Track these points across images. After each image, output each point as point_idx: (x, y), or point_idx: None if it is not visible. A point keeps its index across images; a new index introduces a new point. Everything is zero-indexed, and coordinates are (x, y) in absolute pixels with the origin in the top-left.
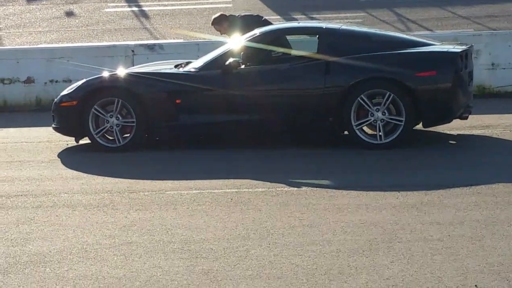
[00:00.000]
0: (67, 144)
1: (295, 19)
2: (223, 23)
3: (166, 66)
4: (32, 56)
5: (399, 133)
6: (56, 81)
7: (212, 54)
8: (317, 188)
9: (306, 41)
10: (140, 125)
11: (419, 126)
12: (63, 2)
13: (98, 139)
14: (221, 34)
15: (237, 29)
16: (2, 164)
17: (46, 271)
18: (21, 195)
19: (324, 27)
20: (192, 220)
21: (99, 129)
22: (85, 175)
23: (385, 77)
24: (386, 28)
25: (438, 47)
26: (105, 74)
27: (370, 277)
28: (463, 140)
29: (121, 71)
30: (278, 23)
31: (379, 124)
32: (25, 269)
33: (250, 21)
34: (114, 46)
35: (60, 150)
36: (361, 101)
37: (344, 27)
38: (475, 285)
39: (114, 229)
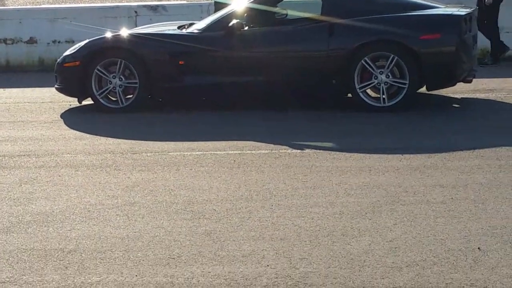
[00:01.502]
0: (70, 105)
1: None
2: None
3: (169, 27)
4: (35, 16)
5: (402, 96)
6: (59, 42)
7: (215, 15)
8: (320, 150)
9: (310, 3)
10: (143, 86)
11: (423, 89)
12: None
13: (101, 100)
14: None
15: None
16: (5, 124)
17: (49, 231)
18: (24, 155)
19: None
20: (195, 181)
21: (102, 90)
22: (87, 135)
23: (389, 39)
24: None
25: (442, 10)
26: (108, 34)
27: (373, 239)
28: (467, 103)
29: (124, 32)
30: None
31: (382, 87)
32: (28, 228)
33: None
34: (117, 7)
35: (63, 111)
36: (364, 63)
37: None
38: (478, 248)
39: (117, 190)
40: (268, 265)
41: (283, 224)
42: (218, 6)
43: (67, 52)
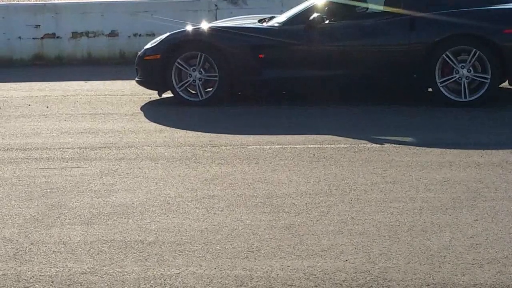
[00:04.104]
0: (150, 98)
1: None
2: None
3: (249, 21)
4: (116, 10)
5: (484, 91)
6: (140, 35)
7: (296, 9)
8: (400, 145)
9: None
10: (222, 80)
11: (505, 84)
12: None
13: (180, 93)
14: None
15: None
16: (86, 116)
17: (128, 222)
18: (105, 147)
19: None
20: (274, 175)
21: (181, 83)
22: (167, 128)
23: (471, 33)
24: None
25: None
26: (189, 28)
27: (454, 235)
28: None
29: (205, 26)
30: None
31: (464, 81)
32: (108, 220)
33: None
34: (198, 0)
35: (143, 103)
36: (446, 58)
37: None
38: None
39: (196, 182)
40: (347, 260)
41: (362, 218)
42: None
43: (148, 45)
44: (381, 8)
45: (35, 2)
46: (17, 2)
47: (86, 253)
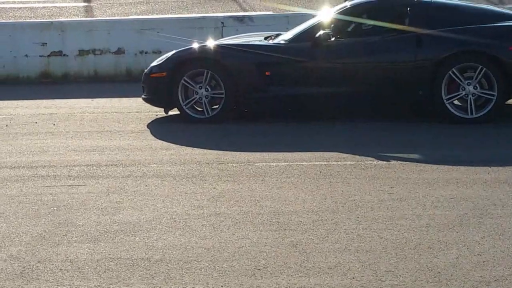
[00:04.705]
0: (156, 115)
1: None
2: None
3: (255, 38)
4: (122, 27)
5: (490, 108)
6: (146, 52)
7: (302, 26)
8: (407, 162)
9: (396, 13)
10: (229, 97)
11: (511, 101)
12: None
13: (187, 110)
14: None
15: None
16: (93, 134)
17: (135, 240)
18: (111, 165)
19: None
20: (280, 192)
21: (188, 100)
22: (174, 145)
23: (477, 50)
24: (478, 1)
25: None
26: (195, 45)
27: (461, 253)
28: None
29: (211, 43)
30: None
31: (470, 98)
32: (115, 237)
33: None
34: (204, 18)
35: (149, 121)
36: (452, 74)
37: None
38: None
39: (202, 200)
40: (353, 278)
41: (369, 236)
42: None
43: (154, 63)
44: (387, 25)
45: (42, 20)
46: (24, 20)
47: (93, 271)
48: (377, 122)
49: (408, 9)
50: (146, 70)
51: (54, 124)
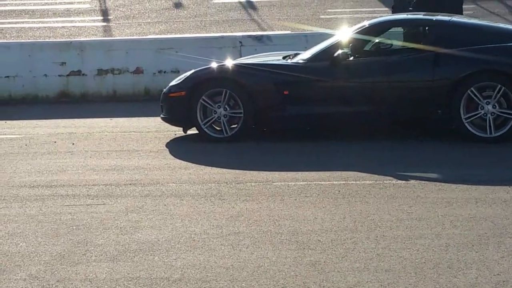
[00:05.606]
0: (175, 134)
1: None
2: None
3: (274, 58)
4: (141, 47)
5: (510, 127)
6: (165, 72)
7: (320, 45)
8: (425, 181)
9: (415, 33)
10: (247, 116)
11: None
12: None
13: (205, 130)
14: None
15: None
16: (112, 153)
17: (154, 260)
18: (130, 184)
19: (434, 19)
20: (299, 211)
21: (207, 120)
22: (192, 165)
23: (496, 69)
24: (496, 20)
25: None
26: (213, 65)
27: (480, 272)
28: None
29: (229, 62)
30: (387, 15)
31: (489, 117)
32: (134, 257)
33: None
34: (222, 37)
35: (168, 140)
36: (471, 94)
37: (454, 18)
38: None
39: (221, 219)
40: None
41: (388, 255)
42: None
43: (173, 82)
44: (405, 44)
45: (61, 40)
46: (43, 40)
47: None
48: (395, 142)
49: (427, 28)
50: (164, 90)
51: (73, 144)
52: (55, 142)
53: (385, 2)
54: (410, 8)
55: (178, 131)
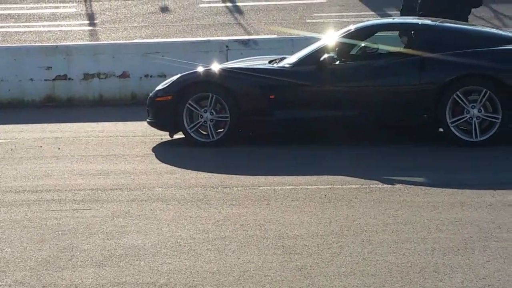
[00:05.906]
0: (162, 139)
1: (390, 15)
2: None
3: (260, 62)
4: (127, 51)
5: (495, 131)
6: (151, 76)
7: (306, 49)
8: (411, 186)
9: (400, 37)
10: (234, 120)
11: None
12: None
13: (192, 134)
14: None
15: None
16: (98, 157)
17: (140, 265)
18: (116, 189)
19: (419, 23)
20: (285, 216)
21: (193, 124)
22: (179, 169)
23: (481, 73)
24: (482, 24)
25: None
26: (200, 69)
27: (466, 276)
28: None
29: (216, 67)
30: (374, 19)
31: (474, 121)
32: (120, 262)
33: None
34: (209, 41)
35: (154, 145)
36: (457, 98)
37: (439, 23)
38: None
39: (207, 224)
40: None
41: (374, 260)
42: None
43: (159, 87)
44: (391, 48)
45: (47, 44)
46: (29, 44)
47: None
48: (381, 146)
49: (413, 32)
50: (151, 94)
51: (59, 148)
52: (41, 146)
53: (371, 6)
54: (420, 12)
55: (164, 136)
